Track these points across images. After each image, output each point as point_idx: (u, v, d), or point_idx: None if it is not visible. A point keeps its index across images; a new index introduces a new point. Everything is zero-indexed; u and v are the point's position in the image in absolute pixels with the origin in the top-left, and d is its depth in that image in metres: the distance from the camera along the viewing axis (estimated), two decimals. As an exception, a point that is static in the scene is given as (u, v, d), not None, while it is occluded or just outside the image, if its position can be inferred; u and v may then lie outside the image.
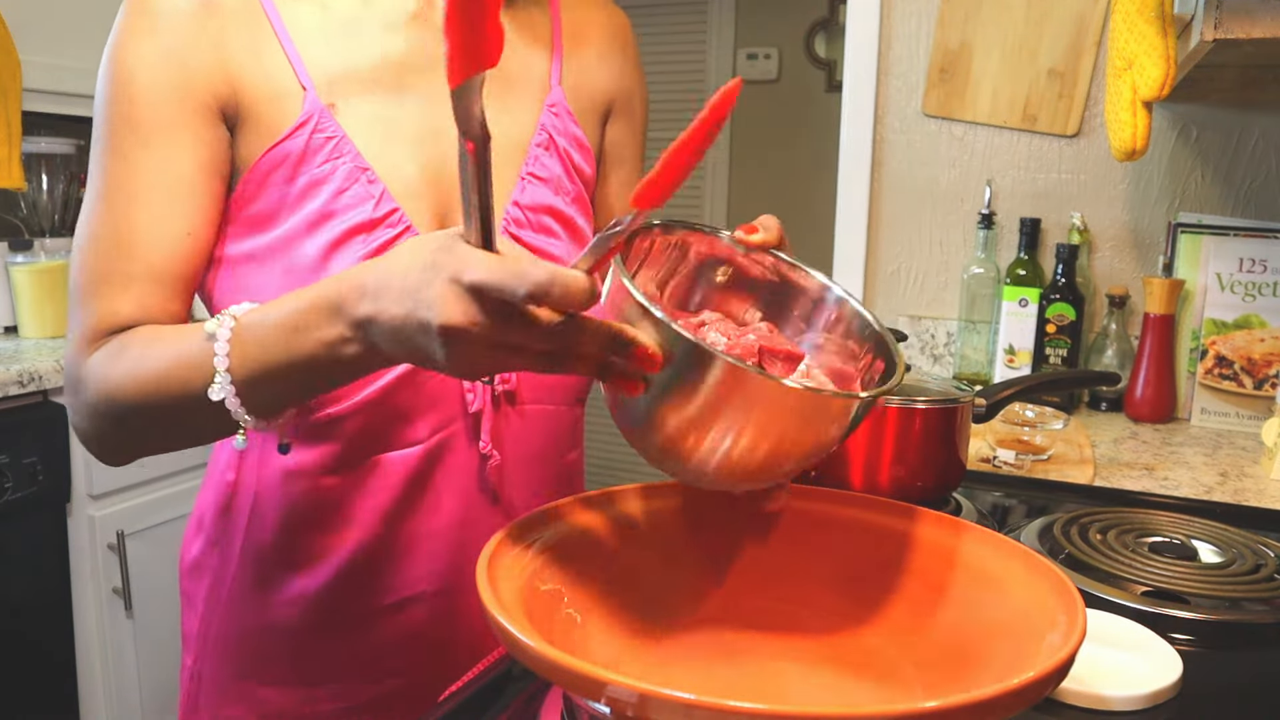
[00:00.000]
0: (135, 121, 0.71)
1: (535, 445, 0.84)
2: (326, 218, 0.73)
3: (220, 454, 0.84)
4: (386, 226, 0.74)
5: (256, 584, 0.81)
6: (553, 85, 0.85)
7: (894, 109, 1.79)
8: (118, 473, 1.79)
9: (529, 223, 0.81)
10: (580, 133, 0.86)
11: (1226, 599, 0.78)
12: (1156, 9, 1.08)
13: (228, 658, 0.83)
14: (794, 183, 3.44)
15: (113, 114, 0.71)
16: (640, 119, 0.95)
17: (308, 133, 0.73)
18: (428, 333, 0.52)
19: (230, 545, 0.82)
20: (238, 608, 0.82)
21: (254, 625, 0.81)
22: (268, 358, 0.61)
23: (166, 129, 0.71)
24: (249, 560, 0.81)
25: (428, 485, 0.79)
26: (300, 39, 0.74)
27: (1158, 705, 0.64)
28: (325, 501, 0.78)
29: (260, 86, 0.73)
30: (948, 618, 0.61)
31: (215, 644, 0.84)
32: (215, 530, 0.83)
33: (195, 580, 0.85)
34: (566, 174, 0.84)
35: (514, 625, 0.48)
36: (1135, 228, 1.66)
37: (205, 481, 0.86)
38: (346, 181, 0.73)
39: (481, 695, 0.66)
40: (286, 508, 0.79)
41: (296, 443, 0.77)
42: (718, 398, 0.53)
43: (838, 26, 3.30)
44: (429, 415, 0.77)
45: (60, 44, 1.98)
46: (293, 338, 0.60)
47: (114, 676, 1.81)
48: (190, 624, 0.86)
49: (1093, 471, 1.20)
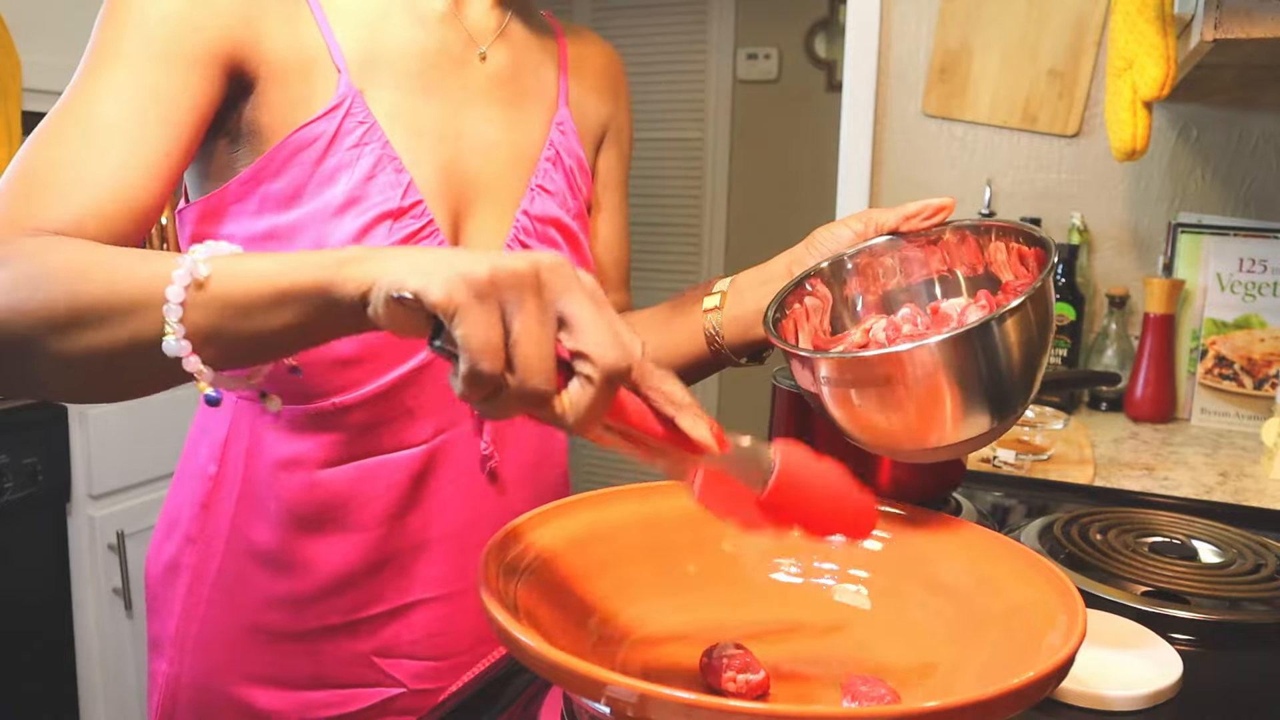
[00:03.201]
0: (134, 40, 0.65)
1: (533, 452, 0.84)
2: (354, 201, 0.72)
3: (199, 448, 0.81)
4: (412, 217, 0.73)
5: (243, 582, 0.78)
6: (560, 105, 0.87)
7: (894, 109, 1.79)
8: (118, 473, 1.79)
9: (535, 232, 0.81)
10: (582, 153, 0.88)
11: (1226, 599, 0.78)
12: (1156, 9, 1.09)
13: (210, 661, 0.80)
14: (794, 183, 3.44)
15: (110, 30, 0.66)
16: (627, 154, 0.98)
17: (341, 115, 0.72)
18: (468, 257, 0.46)
19: (213, 541, 0.79)
20: (222, 607, 0.79)
21: (239, 626, 0.79)
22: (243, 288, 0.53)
23: (164, 59, 0.66)
24: (235, 556, 0.78)
25: (429, 487, 0.78)
26: (335, 19, 0.74)
27: (1158, 705, 0.64)
28: (322, 498, 0.76)
29: (288, 56, 0.71)
30: (947, 617, 0.61)
31: (195, 646, 0.80)
32: (194, 527, 0.80)
33: (169, 582, 0.82)
34: (570, 190, 0.85)
35: (514, 625, 0.48)
36: (1135, 228, 1.66)
37: (176, 481, 0.83)
38: (376, 168, 0.72)
39: (481, 695, 0.66)
40: (279, 503, 0.77)
41: (295, 433, 0.76)
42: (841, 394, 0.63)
43: (838, 26, 3.30)
44: (434, 415, 0.77)
45: (60, 44, 1.98)
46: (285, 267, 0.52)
47: (114, 676, 1.81)
48: (163, 628, 0.82)
49: (1093, 471, 1.20)
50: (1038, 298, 0.61)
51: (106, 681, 1.80)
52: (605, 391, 0.46)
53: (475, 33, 0.81)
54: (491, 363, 0.44)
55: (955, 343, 0.59)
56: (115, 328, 0.54)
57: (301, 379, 0.73)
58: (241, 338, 0.53)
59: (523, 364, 0.45)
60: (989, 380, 0.61)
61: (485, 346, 0.44)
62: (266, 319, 0.52)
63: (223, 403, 0.79)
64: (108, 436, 1.77)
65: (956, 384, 0.60)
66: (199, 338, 0.53)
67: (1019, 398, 0.63)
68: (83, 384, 0.58)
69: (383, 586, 0.78)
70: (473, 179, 0.78)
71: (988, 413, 0.62)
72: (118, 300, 0.54)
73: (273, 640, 0.79)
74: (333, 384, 0.73)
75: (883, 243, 0.75)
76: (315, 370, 0.72)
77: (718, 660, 0.57)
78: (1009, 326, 0.60)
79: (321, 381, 0.73)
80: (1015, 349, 0.61)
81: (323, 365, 0.72)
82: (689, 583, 0.66)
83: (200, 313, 0.52)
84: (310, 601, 0.78)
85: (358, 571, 0.77)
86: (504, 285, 0.45)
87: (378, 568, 0.78)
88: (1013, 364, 0.61)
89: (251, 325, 0.52)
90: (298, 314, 0.51)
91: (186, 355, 0.53)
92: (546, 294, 0.46)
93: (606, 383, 0.46)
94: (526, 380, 0.45)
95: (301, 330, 0.52)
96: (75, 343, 0.54)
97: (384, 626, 0.79)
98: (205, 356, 0.53)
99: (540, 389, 0.45)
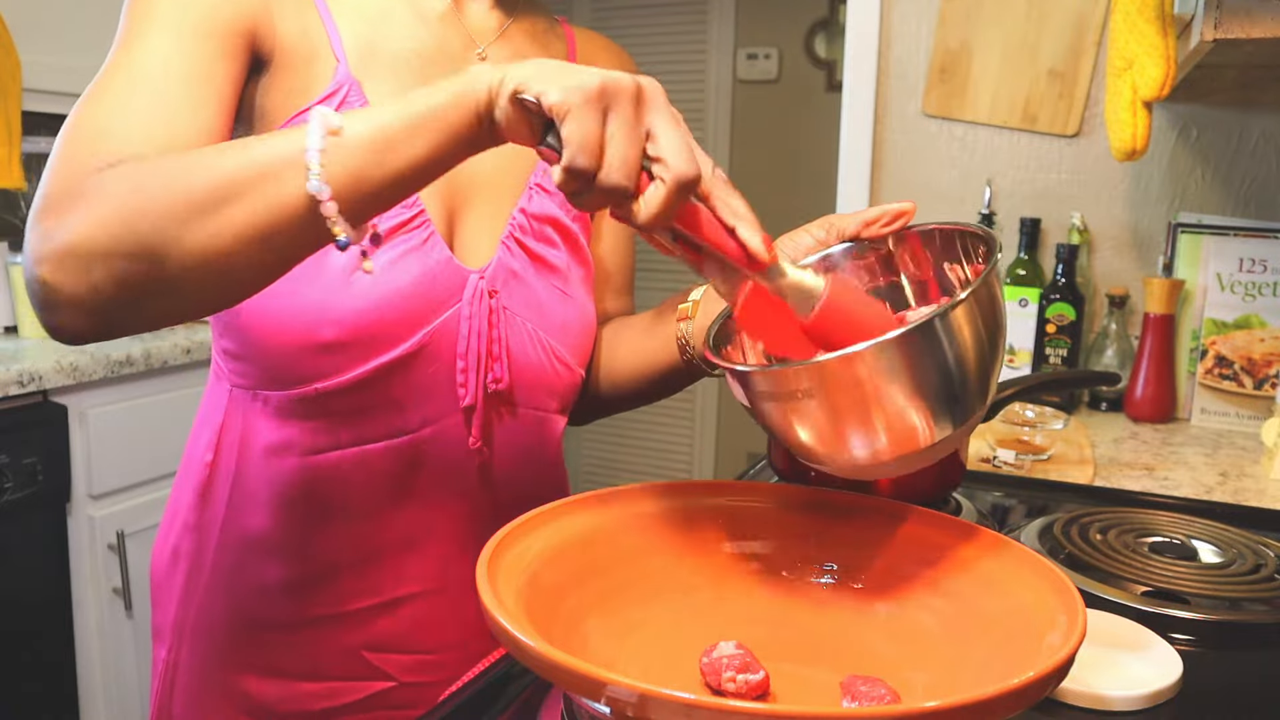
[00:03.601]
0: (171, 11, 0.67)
1: (523, 448, 0.83)
2: None
3: (200, 437, 0.82)
4: (403, 207, 0.74)
5: (237, 571, 0.79)
6: None
7: (894, 109, 1.79)
8: (118, 473, 1.79)
9: (532, 230, 0.82)
10: None
11: (1226, 599, 0.78)
12: (1156, 9, 1.09)
13: (206, 647, 0.81)
14: (794, 183, 3.44)
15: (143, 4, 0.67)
16: None
17: (337, 102, 0.73)
18: (582, 69, 0.53)
19: (209, 530, 0.80)
20: (217, 595, 0.81)
21: (234, 614, 0.80)
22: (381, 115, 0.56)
23: (199, 29, 0.67)
24: (229, 546, 0.79)
25: (418, 480, 0.78)
26: (338, 10, 0.76)
27: (1158, 705, 0.64)
28: (310, 487, 0.77)
29: (295, 44, 0.74)
30: (947, 617, 0.61)
31: (192, 633, 0.82)
32: (193, 516, 0.82)
33: (171, 570, 0.84)
34: None
35: (514, 625, 0.48)
36: (1135, 228, 1.66)
37: (181, 471, 0.85)
38: None
39: (481, 695, 0.66)
40: (269, 491, 0.77)
41: (282, 420, 0.76)
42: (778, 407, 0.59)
43: (838, 26, 3.30)
44: (420, 406, 0.77)
45: (60, 44, 1.98)
46: (413, 97, 0.56)
47: (114, 676, 1.81)
48: (164, 616, 0.84)
49: (1093, 471, 1.20)
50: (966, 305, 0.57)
51: (106, 681, 1.80)
52: (675, 195, 0.52)
53: (475, 32, 0.82)
54: (588, 158, 0.51)
55: (879, 350, 0.55)
56: (258, 194, 0.55)
57: (283, 364, 0.74)
58: (381, 177, 0.55)
59: (612, 161, 0.51)
60: (923, 386, 0.56)
61: (585, 143, 0.51)
62: (406, 149, 0.55)
63: (221, 389, 0.80)
64: (108, 436, 1.77)
65: (884, 394, 0.56)
66: (340, 182, 0.54)
67: (961, 409, 0.58)
68: (224, 274, 0.56)
69: (371, 579, 0.79)
70: (469, 175, 0.78)
71: (927, 421, 0.57)
72: (257, 167, 0.55)
73: (265, 630, 0.80)
74: (315, 369, 0.74)
75: (840, 250, 0.73)
76: (297, 355, 0.73)
77: (717, 661, 0.57)
78: (936, 332, 0.56)
79: (303, 367, 0.74)
80: (952, 356, 0.57)
81: (305, 350, 0.73)
82: (689, 583, 0.66)
83: (341, 158, 0.54)
84: (300, 590, 0.78)
85: (346, 562, 0.78)
86: (610, 94, 0.52)
87: (366, 559, 0.78)
88: (949, 372, 0.57)
89: (392, 160, 0.55)
90: (436, 136, 0.55)
91: (326, 200, 0.54)
92: (642, 108, 0.53)
93: (677, 187, 0.52)
94: (612, 174, 0.52)
95: (438, 157, 0.56)
96: (217, 223, 0.54)
97: (373, 619, 0.79)
98: (343, 208, 0.55)
99: (622, 184, 0.52)
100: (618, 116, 0.52)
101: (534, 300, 0.81)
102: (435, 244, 0.76)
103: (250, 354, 0.75)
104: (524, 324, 0.80)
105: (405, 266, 0.74)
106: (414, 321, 0.75)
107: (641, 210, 0.53)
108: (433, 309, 0.75)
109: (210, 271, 0.56)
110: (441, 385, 0.77)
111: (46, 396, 1.70)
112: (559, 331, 0.82)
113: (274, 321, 0.72)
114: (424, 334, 0.75)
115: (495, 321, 0.78)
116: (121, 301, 0.56)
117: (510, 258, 0.80)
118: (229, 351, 0.78)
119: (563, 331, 0.83)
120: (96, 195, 0.56)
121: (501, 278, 0.79)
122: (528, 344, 0.80)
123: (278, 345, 0.73)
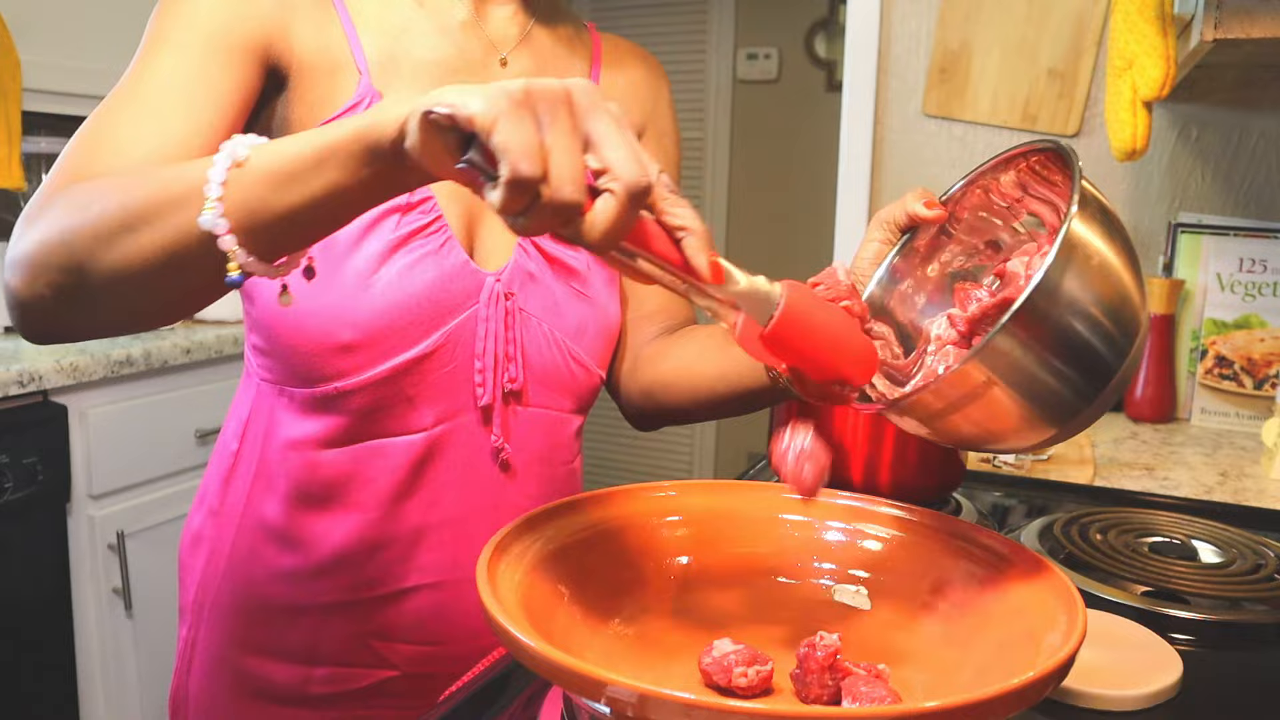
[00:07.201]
0: (183, 30, 0.69)
1: (537, 448, 0.84)
2: None
3: (229, 425, 0.85)
4: (420, 212, 0.76)
5: (253, 556, 0.82)
6: None
7: (894, 109, 1.79)
8: (118, 473, 1.79)
9: None
10: None
11: (1226, 599, 0.78)
12: (1156, 9, 1.09)
13: (221, 629, 0.84)
14: (794, 183, 3.44)
15: (162, 23, 0.70)
16: (673, 157, 0.96)
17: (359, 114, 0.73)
18: (505, 87, 0.46)
19: (230, 516, 0.83)
20: (235, 579, 0.83)
21: (247, 597, 0.83)
22: (282, 156, 0.54)
23: (209, 47, 0.69)
24: (247, 531, 0.82)
25: (429, 475, 0.80)
26: (360, 23, 0.77)
27: (1158, 705, 0.64)
28: (325, 479, 0.79)
29: (317, 58, 0.75)
30: (947, 618, 0.61)
31: (210, 614, 0.85)
32: (216, 500, 0.85)
33: (194, 552, 0.86)
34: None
35: (514, 625, 0.48)
36: (1135, 228, 1.66)
37: (212, 457, 0.88)
38: None
39: (481, 695, 0.66)
40: (287, 482, 0.80)
41: (303, 414, 0.78)
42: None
43: (838, 26, 3.30)
44: (436, 404, 0.79)
45: (60, 44, 1.98)
46: (324, 130, 0.53)
47: (114, 676, 1.81)
48: (186, 596, 0.87)
49: (1093, 471, 1.20)
50: (1076, 234, 0.53)
51: (106, 681, 1.80)
52: (627, 208, 0.47)
53: (497, 39, 0.83)
54: (531, 164, 0.45)
55: (1029, 303, 0.51)
56: (164, 222, 0.54)
57: (304, 364, 0.76)
58: (282, 211, 0.53)
59: (560, 173, 0.45)
60: (1088, 309, 0.53)
61: (525, 149, 0.44)
62: (307, 184, 0.52)
63: (251, 382, 0.83)
64: (108, 436, 1.77)
65: (1064, 330, 0.52)
66: (240, 214, 0.52)
67: (1129, 310, 0.54)
68: (135, 297, 0.57)
69: (381, 569, 0.80)
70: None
71: (1108, 338, 0.53)
72: (166, 195, 0.54)
73: (277, 613, 0.82)
74: (334, 369, 0.76)
75: (907, 239, 0.71)
76: (317, 356, 0.75)
77: (723, 658, 0.57)
78: (1068, 258, 0.52)
79: (323, 366, 0.76)
80: (1096, 264, 0.53)
81: (324, 351, 0.75)
82: (689, 583, 0.66)
83: (241, 190, 0.52)
84: (311, 578, 0.81)
85: (356, 552, 0.80)
86: (538, 98, 0.46)
87: (376, 550, 0.80)
88: (1094, 288, 0.53)
89: (293, 194, 0.52)
90: (338, 173, 0.51)
91: (223, 233, 0.52)
92: (577, 111, 0.47)
93: (628, 198, 0.46)
94: (559, 189, 0.45)
95: (342, 193, 0.52)
96: (128, 246, 0.55)
97: (381, 609, 0.81)
98: (244, 240, 0.53)
99: (572, 199, 0.45)
100: (554, 124, 0.46)
101: (550, 302, 0.82)
102: (452, 248, 0.77)
103: (275, 351, 0.78)
104: (540, 325, 0.81)
105: (422, 270, 0.75)
106: (430, 324, 0.76)
107: (593, 228, 0.47)
108: (449, 311, 0.77)
109: (120, 293, 0.57)
110: (458, 384, 0.79)
111: (46, 396, 1.70)
112: (575, 333, 0.83)
113: (295, 323, 0.74)
114: (441, 335, 0.77)
115: (511, 323, 0.79)
116: (58, 311, 0.59)
117: (527, 260, 0.81)
118: (257, 347, 0.81)
119: (579, 332, 0.83)
120: (56, 208, 0.58)
121: (518, 280, 0.80)
122: (544, 345, 0.82)
123: (299, 346, 0.75)
